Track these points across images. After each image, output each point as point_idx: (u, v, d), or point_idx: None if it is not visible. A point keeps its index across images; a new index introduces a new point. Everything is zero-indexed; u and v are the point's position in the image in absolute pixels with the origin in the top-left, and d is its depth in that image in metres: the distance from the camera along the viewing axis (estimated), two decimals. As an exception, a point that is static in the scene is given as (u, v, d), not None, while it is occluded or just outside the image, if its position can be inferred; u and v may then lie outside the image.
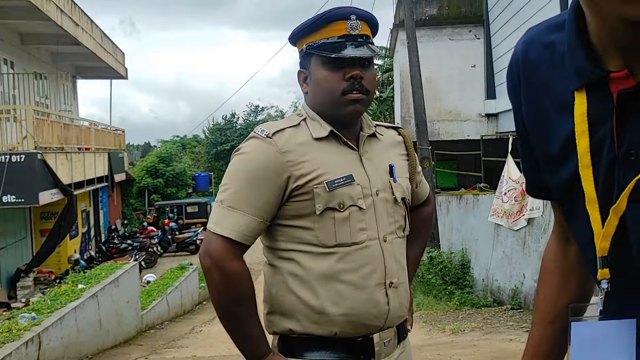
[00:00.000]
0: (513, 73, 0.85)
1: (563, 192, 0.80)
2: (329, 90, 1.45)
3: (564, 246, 0.94)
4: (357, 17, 1.46)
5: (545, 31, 0.80)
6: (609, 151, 0.69)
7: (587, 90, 0.70)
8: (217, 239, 1.38)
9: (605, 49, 0.67)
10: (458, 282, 8.63)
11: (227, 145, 31.51)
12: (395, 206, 1.52)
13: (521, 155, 0.93)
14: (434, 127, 15.54)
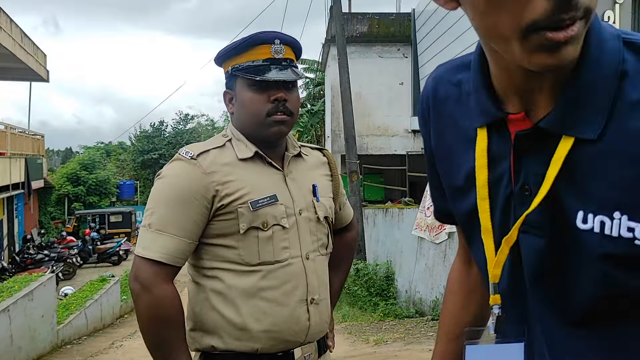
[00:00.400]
0: (423, 107, 0.89)
1: (464, 221, 0.84)
2: (254, 111, 1.48)
3: (467, 268, 0.99)
4: (281, 41, 1.51)
5: (453, 70, 0.84)
6: (507, 186, 0.73)
7: (489, 128, 0.74)
8: (147, 263, 1.37)
9: (506, 92, 0.71)
10: (383, 294, 8.84)
11: (155, 153, 30.69)
12: (318, 225, 1.56)
13: (429, 183, 0.97)
14: (363, 142, 15.90)
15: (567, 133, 0.65)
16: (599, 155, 0.64)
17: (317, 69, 21.85)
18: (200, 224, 1.42)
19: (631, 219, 0.63)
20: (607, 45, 0.65)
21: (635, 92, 0.63)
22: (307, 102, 23.04)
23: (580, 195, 0.66)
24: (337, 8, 10.38)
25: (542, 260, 0.71)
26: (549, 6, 0.55)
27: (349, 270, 1.86)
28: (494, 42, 0.64)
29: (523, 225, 0.71)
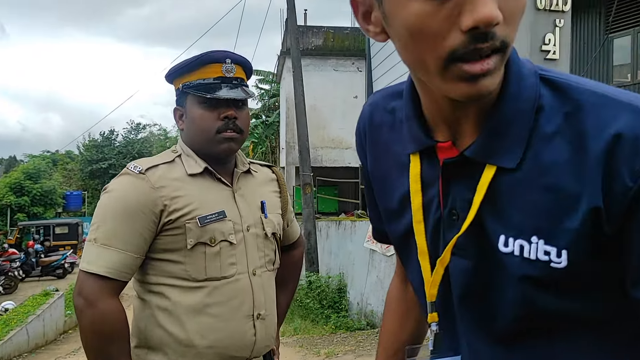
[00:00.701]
0: (360, 133, 0.92)
1: (399, 243, 0.87)
2: (204, 128, 1.49)
3: (404, 286, 1.02)
4: (232, 60, 1.53)
5: (387, 97, 0.87)
6: (436, 210, 0.76)
7: (421, 154, 0.77)
8: (91, 277, 1.35)
9: (435, 121, 0.74)
10: (334, 306, 8.84)
11: (104, 163, 29.84)
12: (265, 241, 1.57)
13: (367, 205, 0.99)
14: (318, 154, 15.99)
15: (490, 162, 0.69)
16: (518, 183, 0.68)
17: (272, 81, 21.86)
18: (147, 238, 1.41)
19: (547, 243, 0.66)
20: (525, 81, 0.69)
21: (549, 125, 0.67)
22: (262, 114, 22.98)
23: (501, 221, 0.70)
24: (292, 21, 10.43)
25: (468, 281, 0.74)
26: (465, 37, 0.58)
27: (295, 289, 1.87)
28: (419, 74, 0.68)
29: (454, 247, 0.74)
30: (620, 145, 0.61)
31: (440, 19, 0.59)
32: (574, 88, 0.68)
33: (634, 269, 0.65)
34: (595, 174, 0.63)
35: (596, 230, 0.64)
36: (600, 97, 0.65)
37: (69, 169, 32.93)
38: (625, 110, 0.63)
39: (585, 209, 0.64)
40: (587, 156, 0.63)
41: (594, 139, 0.63)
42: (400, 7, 0.61)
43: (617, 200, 0.62)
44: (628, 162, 0.61)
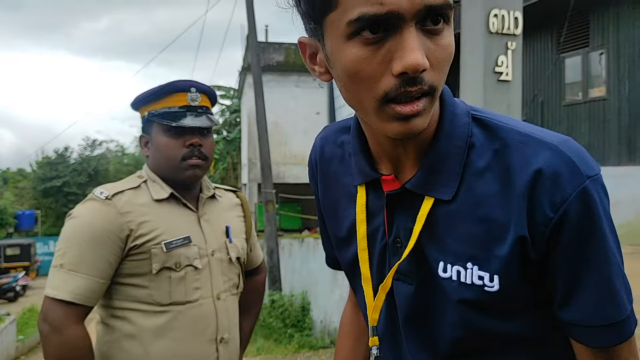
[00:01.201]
0: (312, 164, 0.97)
1: (348, 270, 0.92)
2: (169, 155, 1.52)
3: (357, 311, 1.07)
4: (197, 89, 1.56)
5: (337, 131, 0.93)
6: (382, 238, 0.81)
7: (367, 185, 0.83)
8: (57, 304, 1.36)
9: (379, 155, 0.81)
10: (298, 325, 8.77)
11: (58, 181, 28.90)
12: (230, 265, 1.59)
13: (320, 233, 1.04)
14: (280, 170, 15.96)
15: (428, 194, 0.75)
16: (453, 214, 0.75)
17: (234, 96, 21.78)
18: (113, 263, 1.42)
19: (480, 269, 0.73)
20: (458, 121, 0.76)
21: (480, 161, 0.74)
22: (223, 129, 22.82)
23: (440, 248, 0.76)
24: (252, 39, 10.43)
25: (411, 304, 0.80)
26: (396, 81, 0.64)
27: (258, 313, 1.89)
28: (359, 112, 0.73)
29: (396, 273, 0.80)
30: (541, 180, 0.68)
31: (374, 64, 0.64)
32: (501, 127, 0.75)
33: (559, 293, 0.72)
34: (520, 205, 0.69)
35: (524, 257, 0.71)
36: (524, 136, 0.72)
37: (21, 187, 31.79)
38: (545, 148, 0.70)
39: (513, 237, 0.70)
40: (513, 189, 0.70)
41: (519, 174, 0.70)
42: (340, 52, 0.67)
43: (540, 230, 0.69)
44: (548, 195, 0.68)
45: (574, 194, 0.67)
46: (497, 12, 4.12)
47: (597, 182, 0.69)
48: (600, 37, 7.94)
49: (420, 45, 0.63)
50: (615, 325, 0.71)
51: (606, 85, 7.85)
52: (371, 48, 0.64)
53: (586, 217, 0.68)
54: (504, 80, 4.11)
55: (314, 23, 0.70)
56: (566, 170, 0.68)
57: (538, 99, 8.82)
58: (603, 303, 0.70)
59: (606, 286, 0.70)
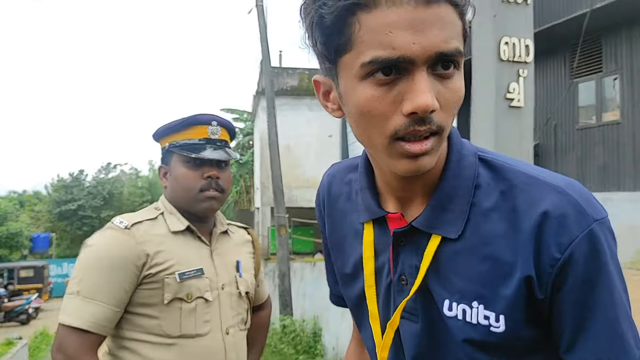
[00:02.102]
0: (320, 201, 0.99)
1: (353, 307, 0.92)
2: (187, 186, 1.55)
3: (360, 350, 1.06)
4: (217, 123, 1.60)
5: (345, 169, 0.94)
6: (387, 276, 0.82)
7: (373, 222, 0.83)
8: (73, 332, 1.36)
9: (386, 193, 0.82)
10: (309, 351, 8.66)
11: (73, 204, 29.14)
12: (239, 300, 1.60)
13: (326, 269, 1.04)
14: (293, 194, 15.97)
15: (435, 232, 0.76)
16: (460, 252, 0.75)
17: (247, 119, 21.97)
18: (129, 292, 1.43)
19: (486, 308, 0.73)
20: (465, 161, 0.78)
21: (486, 202, 0.75)
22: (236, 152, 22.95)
23: (446, 286, 0.76)
24: (265, 63, 10.56)
25: (418, 342, 0.79)
26: (406, 120, 0.67)
27: (262, 350, 1.88)
28: (369, 149, 0.76)
29: (402, 311, 0.80)
30: (548, 222, 0.69)
31: (386, 103, 0.67)
32: (507, 169, 0.76)
33: (564, 336, 0.71)
34: (527, 245, 0.70)
35: (530, 298, 0.71)
36: (531, 178, 0.74)
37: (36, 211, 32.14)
38: (552, 191, 0.71)
39: (519, 277, 0.70)
40: (520, 230, 0.71)
41: (526, 215, 0.71)
42: (353, 91, 0.69)
43: (546, 271, 0.69)
44: (554, 236, 0.69)
45: (581, 236, 0.68)
46: (508, 40, 4.14)
47: (604, 225, 0.70)
48: (613, 62, 7.92)
49: (431, 87, 0.65)
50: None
51: (620, 110, 7.80)
52: (384, 89, 0.67)
53: (593, 258, 0.68)
54: (516, 106, 4.10)
55: (329, 63, 0.72)
56: (573, 213, 0.69)
57: (551, 122, 8.78)
58: (608, 346, 0.69)
59: (612, 329, 0.70)
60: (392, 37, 0.64)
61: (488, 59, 4.15)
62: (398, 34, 0.64)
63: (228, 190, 1.60)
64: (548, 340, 0.74)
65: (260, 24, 10.37)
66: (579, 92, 8.54)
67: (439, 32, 0.65)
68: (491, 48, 4.11)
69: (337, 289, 1.01)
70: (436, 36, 0.64)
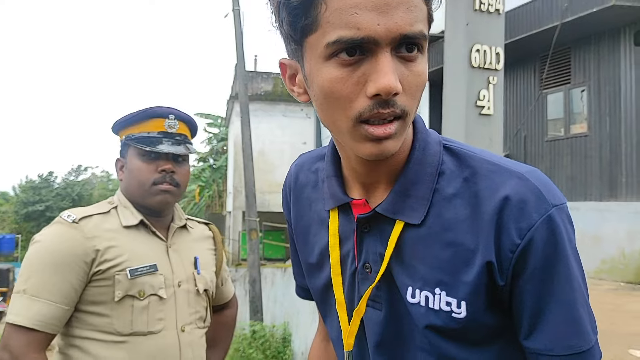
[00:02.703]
0: (286, 191, 0.98)
1: (319, 296, 0.91)
2: (141, 179, 1.51)
3: (326, 344, 1.06)
4: (175, 117, 1.57)
5: (313, 159, 0.95)
6: (352, 263, 0.82)
7: (339, 210, 0.84)
8: (19, 331, 1.32)
9: (351, 180, 0.82)
10: (278, 356, 8.61)
11: (41, 205, 28.54)
12: (197, 297, 1.56)
13: (292, 261, 1.03)
14: (265, 199, 15.91)
15: (398, 218, 0.76)
16: (422, 238, 0.75)
17: (221, 125, 21.83)
18: (78, 289, 1.38)
19: (448, 294, 0.73)
20: (430, 148, 0.78)
21: (449, 188, 0.76)
22: (209, 157, 22.79)
23: (409, 273, 0.76)
24: (240, 66, 10.51)
25: (381, 330, 0.80)
26: (370, 102, 0.66)
27: (227, 350, 1.84)
28: (334, 133, 0.75)
29: (369, 299, 0.80)
30: (508, 207, 0.70)
31: (350, 84, 0.67)
32: (471, 156, 0.77)
33: (524, 322, 0.72)
34: (488, 231, 0.71)
35: (491, 284, 0.72)
36: (493, 165, 0.75)
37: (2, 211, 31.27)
38: (513, 177, 0.72)
39: (480, 263, 0.71)
40: (481, 216, 0.72)
41: (487, 200, 0.72)
42: (318, 72, 0.69)
43: (507, 256, 0.70)
44: (515, 221, 0.69)
45: (540, 221, 0.69)
46: (480, 47, 4.21)
47: (562, 211, 0.71)
48: (581, 74, 8.12)
49: (394, 69, 0.66)
50: (580, 354, 0.71)
51: (587, 122, 7.99)
52: (347, 69, 0.67)
53: (551, 243, 0.69)
54: (486, 114, 4.16)
55: (294, 44, 0.72)
56: (533, 198, 0.70)
57: (521, 133, 8.94)
58: (567, 331, 0.70)
59: (570, 314, 0.70)
60: (357, 18, 0.64)
61: (459, 66, 4.21)
62: (363, 15, 0.64)
63: (184, 185, 1.57)
64: (509, 327, 0.74)
65: (236, 28, 10.33)
66: (548, 103, 8.72)
67: (404, 14, 0.65)
68: (462, 55, 4.18)
69: (302, 281, 1.01)
70: (401, 18, 0.65)
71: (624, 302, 5.10)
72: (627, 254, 6.90)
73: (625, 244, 6.91)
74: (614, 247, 7.02)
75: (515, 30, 8.04)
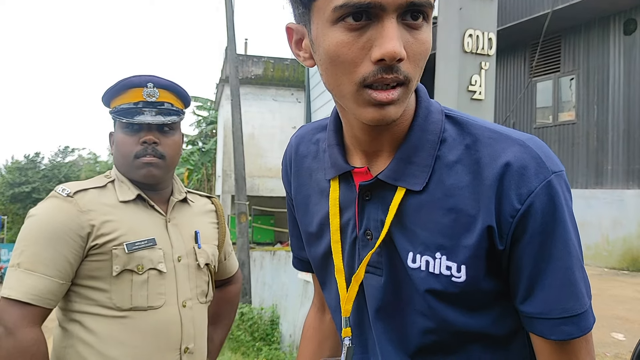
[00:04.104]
0: (286, 161, 0.99)
1: (318, 265, 0.93)
2: (124, 153, 1.47)
3: (321, 315, 1.08)
4: (154, 85, 1.50)
5: (313, 130, 0.95)
6: (352, 231, 0.83)
7: (340, 180, 0.85)
8: (12, 304, 1.29)
9: (353, 149, 0.83)
10: (267, 338, 8.67)
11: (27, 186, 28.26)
12: (198, 272, 1.53)
13: (290, 233, 1.04)
14: (255, 183, 15.90)
15: (399, 184, 0.78)
16: (424, 204, 0.77)
17: (211, 108, 21.68)
18: (74, 263, 1.36)
19: (449, 259, 0.75)
20: (432, 116, 0.80)
21: (451, 154, 0.77)
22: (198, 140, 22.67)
23: (409, 239, 0.78)
24: (231, 48, 10.44)
25: (381, 296, 0.81)
26: (374, 67, 0.68)
27: (230, 325, 1.81)
28: (337, 97, 0.76)
29: (368, 265, 0.81)
30: (509, 173, 0.72)
31: (355, 48, 0.68)
32: (472, 125, 0.79)
33: (522, 285, 0.74)
34: (489, 196, 0.72)
35: (491, 249, 0.73)
36: (494, 132, 0.77)
37: (-13, 192, 30.91)
38: (514, 144, 0.74)
39: (480, 227, 0.73)
40: (482, 182, 0.73)
41: (488, 167, 0.73)
42: (324, 36, 0.70)
43: (507, 221, 0.72)
44: (516, 187, 0.71)
45: (540, 187, 0.71)
46: (472, 32, 4.22)
47: (561, 178, 0.73)
48: (571, 62, 8.17)
49: (399, 35, 0.67)
50: (575, 317, 0.73)
51: (575, 110, 8.07)
52: (353, 34, 0.68)
53: (550, 209, 0.71)
54: (477, 99, 4.19)
55: (302, 8, 0.73)
56: (533, 165, 0.71)
57: (510, 120, 9.01)
58: (563, 294, 0.72)
59: (567, 278, 0.72)
60: None
61: (452, 51, 4.22)
62: None
63: (171, 156, 1.50)
64: (506, 294, 0.77)
65: (227, 8, 10.24)
66: (537, 91, 8.78)
67: None
68: (455, 39, 4.19)
69: (300, 253, 1.02)
70: None
71: (608, 287, 5.21)
72: (611, 240, 7.02)
73: (609, 231, 7.03)
74: (598, 233, 7.13)
75: (506, 17, 8.06)
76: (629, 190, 7.03)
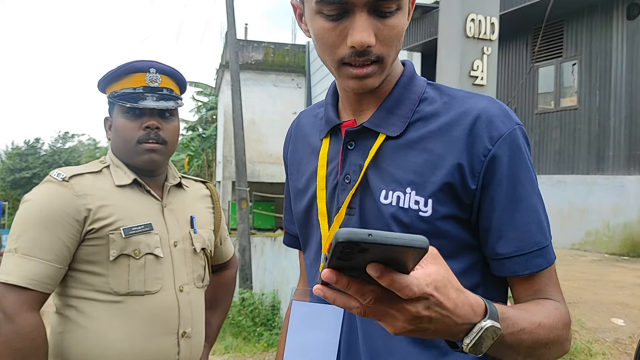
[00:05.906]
0: (289, 133, 1.11)
1: (302, 219, 1.00)
2: (125, 138, 1.47)
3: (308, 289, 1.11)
4: (157, 70, 1.51)
5: (315, 106, 1.07)
6: (334, 178, 0.93)
7: (330, 137, 0.96)
8: (11, 290, 1.30)
9: (344, 108, 0.96)
10: (267, 324, 8.73)
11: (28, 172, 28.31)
12: (194, 256, 1.54)
13: (284, 207, 1.12)
14: (256, 169, 15.89)
15: (380, 130, 0.88)
16: (399, 147, 0.87)
17: (211, 93, 21.59)
18: (71, 248, 1.37)
19: (417, 194, 0.84)
20: (415, 81, 0.93)
21: (429, 108, 0.89)
22: (198, 126, 22.60)
23: (383, 178, 0.87)
24: (231, 33, 10.36)
25: None
26: (350, 50, 0.81)
27: (227, 310, 1.84)
28: (328, 68, 0.88)
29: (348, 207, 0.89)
30: (481, 120, 0.83)
31: (334, 34, 0.82)
32: (450, 89, 0.92)
33: (494, 227, 0.83)
34: (462, 139, 0.83)
35: (462, 187, 0.82)
36: (468, 93, 0.90)
37: (-12, 178, 30.93)
38: (484, 99, 0.87)
39: (450, 164, 0.82)
40: (457, 128, 0.84)
41: (462, 116, 0.85)
42: (311, 20, 0.85)
43: (479, 159, 0.82)
44: (487, 130, 0.82)
45: (507, 132, 0.83)
46: (475, 17, 4.18)
47: (522, 131, 0.85)
48: (573, 47, 8.11)
49: (369, 26, 0.79)
50: (544, 249, 0.83)
51: (577, 95, 8.02)
52: (333, 23, 0.81)
53: (516, 153, 0.82)
54: (479, 84, 4.17)
55: None
56: (501, 115, 0.84)
57: (512, 105, 8.96)
58: (534, 230, 0.83)
59: (535, 215, 0.83)
60: None
61: (454, 35, 4.19)
62: None
63: (172, 142, 1.52)
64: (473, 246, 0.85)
65: (227, -6, 10.13)
66: (539, 77, 8.72)
67: None
68: (457, 24, 4.15)
69: (291, 227, 1.11)
70: None
71: (608, 273, 5.22)
72: (612, 226, 7.02)
73: (610, 217, 7.03)
74: (599, 219, 7.13)
75: (508, 2, 7.98)
76: (630, 176, 7.02)
